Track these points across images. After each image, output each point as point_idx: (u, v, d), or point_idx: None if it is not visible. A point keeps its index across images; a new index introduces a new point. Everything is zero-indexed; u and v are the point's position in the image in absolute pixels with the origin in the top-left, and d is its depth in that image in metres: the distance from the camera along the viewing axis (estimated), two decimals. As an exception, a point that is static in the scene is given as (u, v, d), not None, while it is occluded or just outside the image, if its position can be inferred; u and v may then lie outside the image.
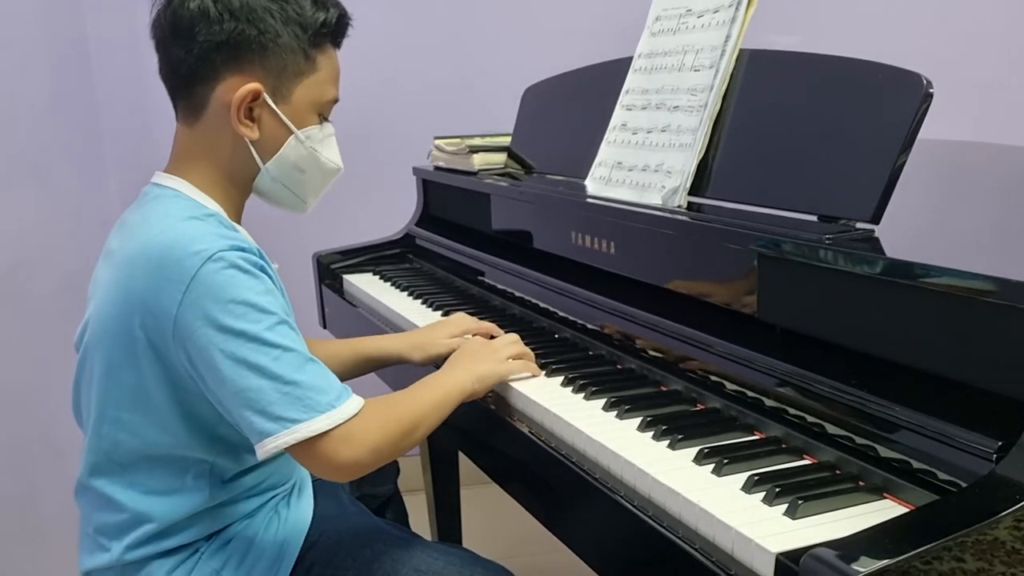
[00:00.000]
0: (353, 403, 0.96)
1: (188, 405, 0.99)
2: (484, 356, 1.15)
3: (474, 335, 1.31)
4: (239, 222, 1.09)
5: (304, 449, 0.94)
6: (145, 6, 1.05)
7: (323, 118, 1.09)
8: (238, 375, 0.92)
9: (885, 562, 0.61)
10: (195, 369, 0.95)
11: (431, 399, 1.06)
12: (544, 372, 1.17)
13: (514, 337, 1.21)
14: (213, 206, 1.04)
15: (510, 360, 1.15)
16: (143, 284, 0.95)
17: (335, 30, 1.07)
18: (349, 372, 1.34)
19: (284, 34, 1.01)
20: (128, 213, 1.05)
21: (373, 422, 0.98)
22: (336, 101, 1.10)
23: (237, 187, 1.08)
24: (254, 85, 1.01)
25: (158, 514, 1.01)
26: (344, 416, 0.94)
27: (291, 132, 1.05)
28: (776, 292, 0.99)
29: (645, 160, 1.28)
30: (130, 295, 0.97)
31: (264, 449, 0.93)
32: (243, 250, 0.96)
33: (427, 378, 1.12)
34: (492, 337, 1.28)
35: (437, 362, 1.30)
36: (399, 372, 1.40)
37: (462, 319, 1.35)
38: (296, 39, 1.02)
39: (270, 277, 0.99)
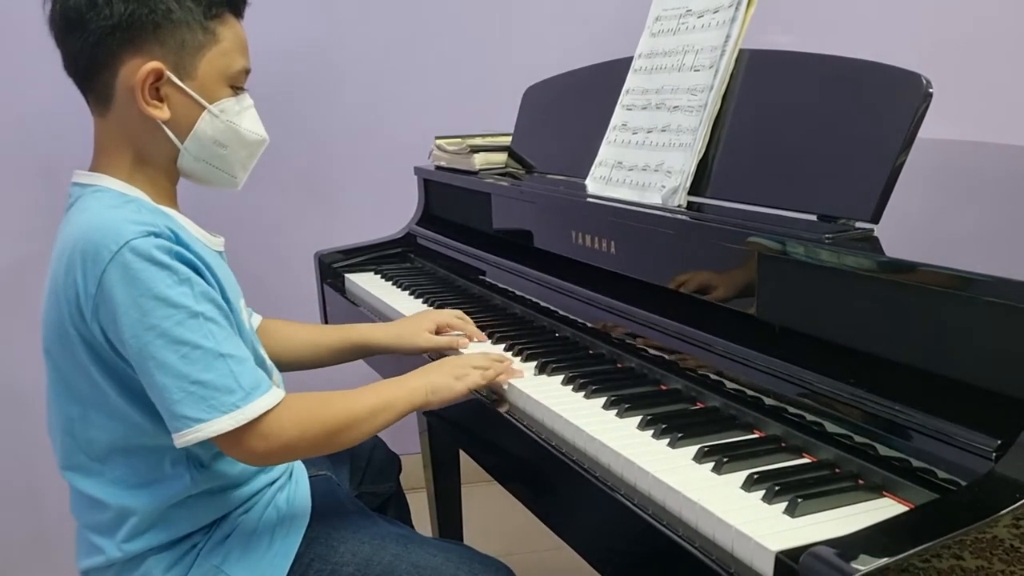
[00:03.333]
0: (264, 401, 0.96)
1: (139, 394, 0.98)
2: (446, 370, 1.14)
3: (456, 332, 1.34)
4: (172, 204, 1.08)
5: (218, 440, 0.96)
6: None
7: (237, 90, 1.06)
8: (146, 371, 0.93)
9: (884, 560, 0.62)
10: (122, 358, 0.96)
11: (371, 404, 1.06)
12: (545, 371, 1.18)
13: (493, 355, 1.19)
14: (135, 193, 1.03)
15: (468, 377, 1.13)
16: (65, 281, 0.96)
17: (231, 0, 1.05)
18: (336, 358, 1.36)
19: (176, 9, 1.00)
20: (62, 222, 1.05)
21: (292, 420, 0.98)
22: (247, 71, 1.08)
23: (161, 171, 1.06)
24: (154, 64, 0.99)
25: (141, 506, 1.01)
26: (249, 416, 0.95)
27: (203, 107, 1.03)
28: (776, 291, 0.99)
29: (645, 160, 1.29)
30: (58, 296, 0.97)
31: (177, 441, 0.94)
32: (156, 235, 0.95)
33: (382, 381, 1.13)
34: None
35: (425, 354, 1.31)
36: (392, 361, 1.41)
37: (446, 312, 1.38)
38: (190, 13, 1.01)
39: (188, 261, 0.97)
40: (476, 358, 1.18)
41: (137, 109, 1.00)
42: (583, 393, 1.09)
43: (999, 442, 0.72)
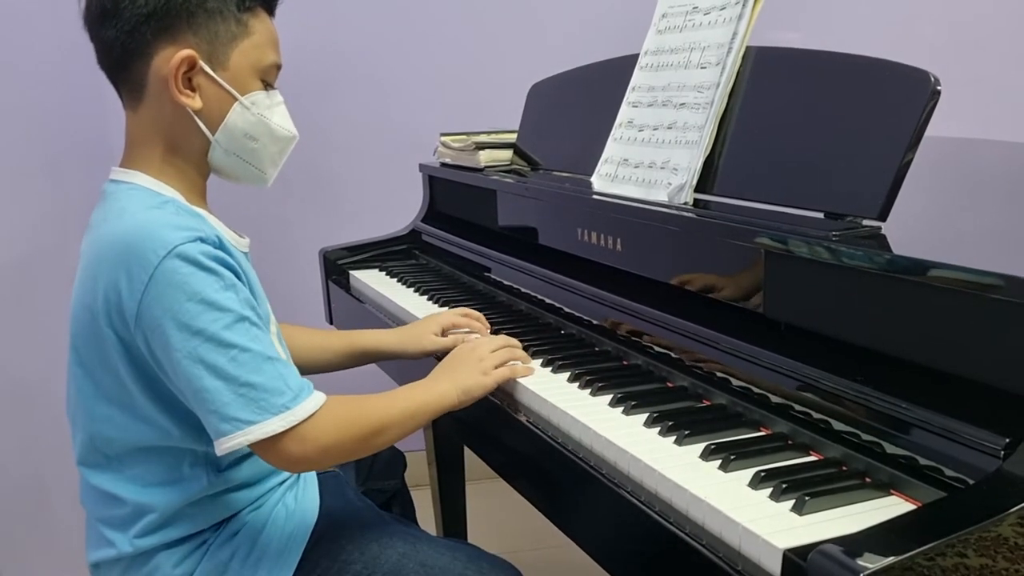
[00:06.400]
0: (310, 404, 0.96)
1: (166, 399, 0.99)
2: (471, 367, 1.13)
3: (463, 330, 1.33)
4: (203, 203, 1.08)
5: (258, 445, 0.95)
6: None
7: (268, 85, 1.07)
8: (195, 375, 0.93)
9: (892, 559, 0.62)
10: (159, 365, 0.96)
11: (404, 408, 1.06)
12: (550, 368, 1.18)
13: (500, 340, 1.19)
14: (169, 192, 1.03)
15: (497, 370, 1.13)
16: (106, 281, 0.96)
17: None
18: (343, 363, 1.36)
19: None
20: (93, 214, 1.05)
21: (330, 424, 0.98)
22: (279, 67, 1.08)
23: (192, 166, 1.07)
24: (188, 52, 1.00)
25: (159, 504, 1.02)
26: (298, 418, 0.95)
27: (235, 99, 1.04)
28: (782, 288, 0.99)
29: (651, 157, 1.28)
30: (96, 295, 0.97)
31: (221, 447, 0.94)
32: (202, 240, 0.95)
33: (411, 385, 1.12)
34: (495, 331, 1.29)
35: (432, 356, 1.31)
36: (399, 364, 1.41)
37: (451, 312, 1.38)
38: (224, 3, 1.02)
39: (231, 267, 0.97)
40: (489, 343, 1.18)
41: (169, 99, 1.01)
42: (589, 390, 1.09)
43: (1007, 440, 0.72)
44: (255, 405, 0.93)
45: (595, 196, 1.34)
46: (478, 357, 1.15)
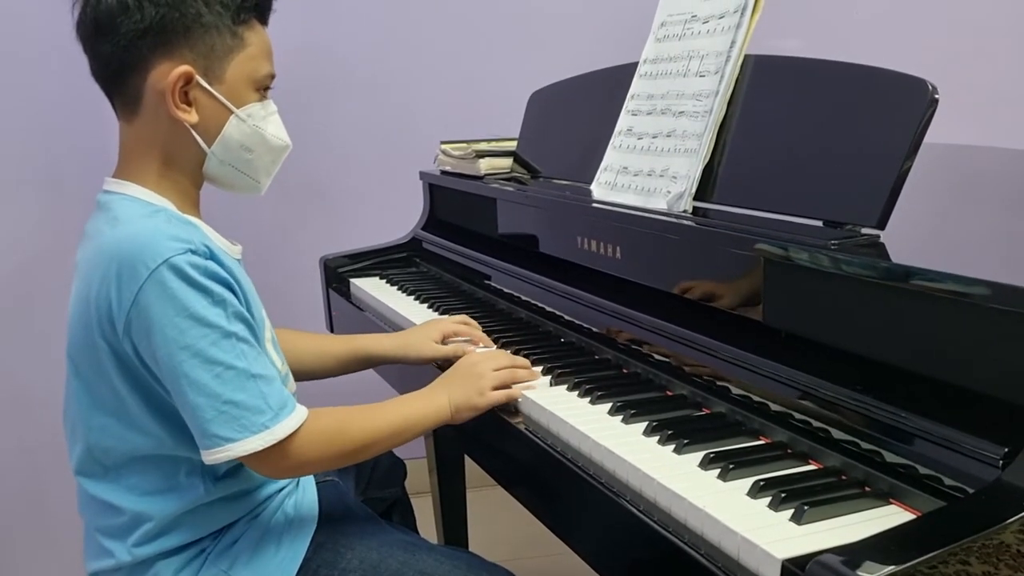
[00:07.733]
0: (290, 422, 0.98)
1: (160, 407, 0.99)
2: (469, 384, 1.13)
3: (463, 339, 1.33)
4: (196, 212, 1.09)
5: (241, 458, 0.97)
6: None
7: (263, 95, 1.08)
8: (179, 389, 0.94)
9: (891, 568, 0.61)
10: (150, 371, 0.97)
11: (393, 423, 1.08)
12: (550, 376, 1.17)
13: (506, 359, 1.18)
14: (161, 202, 1.03)
15: (492, 393, 1.12)
16: (97, 291, 0.96)
17: (258, 5, 1.06)
18: (343, 368, 1.36)
19: (206, 13, 1.01)
20: (87, 224, 1.05)
21: (312, 441, 1.00)
22: (272, 77, 1.09)
23: (187, 176, 1.07)
24: (185, 67, 1.00)
25: (156, 512, 1.02)
26: (277, 437, 0.96)
27: (231, 112, 1.04)
28: (781, 297, 0.99)
29: (651, 165, 1.29)
30: (88, 306, 0.98)
31: (207, 458, 0.96)
32: (193, 252, 0.95)
33: (407, 396, 1.14)
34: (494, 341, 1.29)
35: (431, 363, 1.32)
36: (399, 369, 1.41)
37: (452, 319, 1.39)
38: (219, 17, 1.02)
39: (222, 279, 0.97)
40: (494, 359, 1.17)
41: (166, 113, 1.01)
42: (589, 399, 1.09)
43: (1006, 450, 0.72)
44: (236, 423, 0.95)
45: (595, 204, 1.34)
46: (478, 374, 1.14)
